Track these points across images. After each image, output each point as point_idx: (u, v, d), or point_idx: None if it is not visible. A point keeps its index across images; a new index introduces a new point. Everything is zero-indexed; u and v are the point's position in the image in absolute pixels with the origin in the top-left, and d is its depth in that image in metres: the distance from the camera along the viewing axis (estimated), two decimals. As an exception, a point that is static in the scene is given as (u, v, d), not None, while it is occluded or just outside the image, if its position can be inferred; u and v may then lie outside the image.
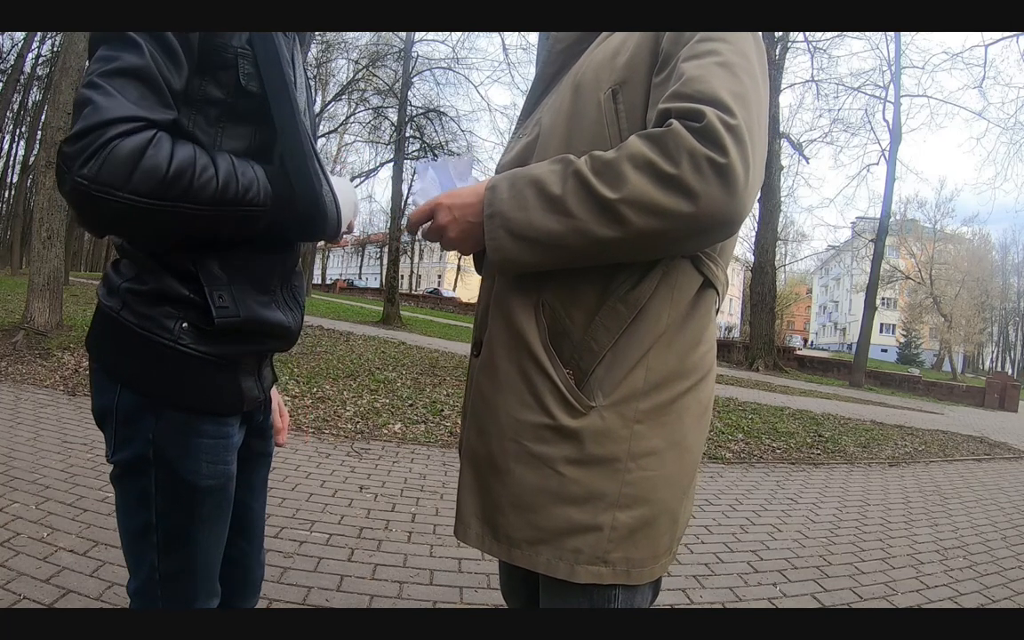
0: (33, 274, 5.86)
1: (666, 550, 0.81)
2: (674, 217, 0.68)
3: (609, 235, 0.70)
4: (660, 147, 0.68)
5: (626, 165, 0.69)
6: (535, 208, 0.73)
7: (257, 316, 0.84)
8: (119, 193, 0.66)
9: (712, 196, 0.67)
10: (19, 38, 18.92)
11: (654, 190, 0.67)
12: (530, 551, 0.78)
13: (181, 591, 0.85)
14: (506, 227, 0.75)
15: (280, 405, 1.14)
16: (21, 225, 19.96)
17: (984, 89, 17.22)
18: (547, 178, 0.74)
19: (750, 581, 2.52)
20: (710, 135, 0.67)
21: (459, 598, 2.13)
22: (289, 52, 0.85)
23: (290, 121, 0.79)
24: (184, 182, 0.70)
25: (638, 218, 0.68)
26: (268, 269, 0.86)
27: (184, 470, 0.81)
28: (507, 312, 0.82)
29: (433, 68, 17.31)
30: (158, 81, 0.70)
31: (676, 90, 0.71)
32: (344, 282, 48.31)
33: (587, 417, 0.77)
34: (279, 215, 0.80)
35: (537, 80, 0.94)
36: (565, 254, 0.74)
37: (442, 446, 4.19)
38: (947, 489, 4.76)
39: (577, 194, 0.71)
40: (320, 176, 0.82)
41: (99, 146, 0.65)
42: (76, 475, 2.78)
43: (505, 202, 0.76)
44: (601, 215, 0.70)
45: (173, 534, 0.83)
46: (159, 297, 0.78)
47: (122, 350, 0.80)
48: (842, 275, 51.53)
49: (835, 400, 11.02)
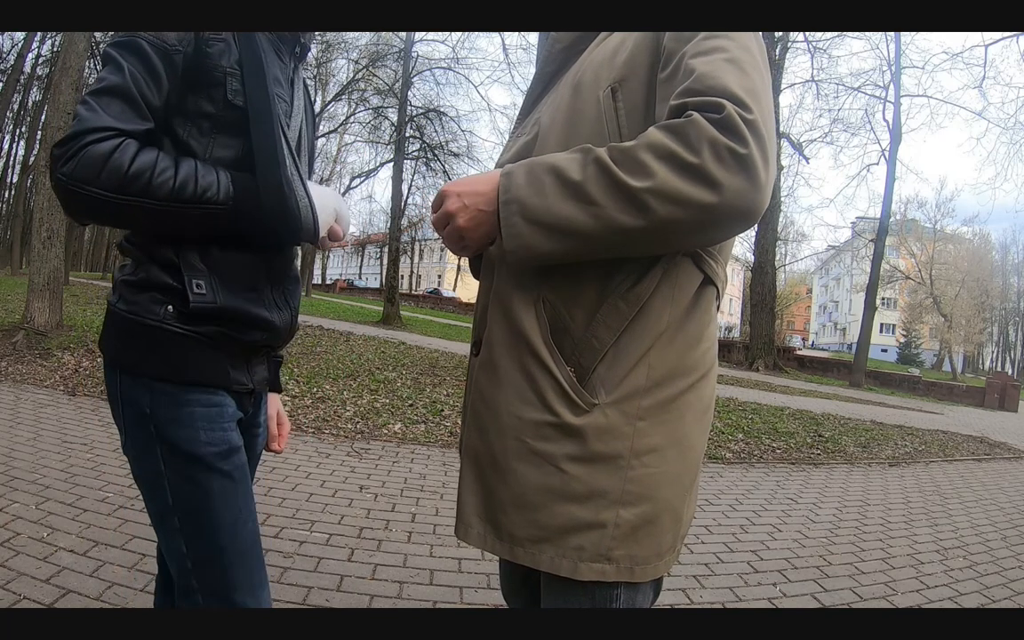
0: (33, 274, 5.86)
1: (669, 548, 0.81)
2: (697, 207, 0.67)
3: (631, 224, 0.69)
4: (681, 137, 0.67)
5: (647, 155, 0.68)
6: (554, 194, 0.72)
7: (236, 307, 0.90)
8: (89, 187, 0.79)
9: (735, 186, 0.67)
10: (19, 38, 18.94)
11: (678, 180, 0.67)
12: (533, 549, 0.78)
13: (216, 579, 0.89)
14: (523, 213, 0.73)
15: (281, 413, 1.17)
16: (21, 225, 19.95)
17: (984, 89, 17.25)
18: (567, 165, 0.72)
19: (750, 581, 2.52)
20: (730, 126, 0.66)
21: (459, 598, 2.13)
22: (285, 75, 0.97)
23: (267, 135, 0.88)
24: (143, 180, 0.80)
25: (661, 208, 0.68)
26: (251, 267, 0.93)
27: (182, 439, 0.87)
28: (507, 310, 0.82)
29: (433, 68, 17.33)
30: (135, 97, 0.82)
31: (689, 86, 0.71)
32: (344, 282, 48.33)
33: (590, 414, 0.76)
34: (243, 217, 0.87)
35: (536, 79, 0.94)
36: (582, 243, 0.72)
37: (442, 446, 4.19)
38: (947, 489, 4.76)
39: (599, 181, 0.70)
40: (291, 184, 0.89)
41: (77, 149, 0.79)
42: (76, 475, 2.79)
43: (522, 188, 0.74)
44: (625, 203, 0.69)
45: (190, 511, 0.88)
46: (147, 285, 0.88)
47: (119, 338, 0.89)
48: (842, 275, 51.51)
49: (835, 400, 11.02)
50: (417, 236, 35.35)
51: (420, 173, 19.24)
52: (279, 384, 1.14)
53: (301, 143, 1.01)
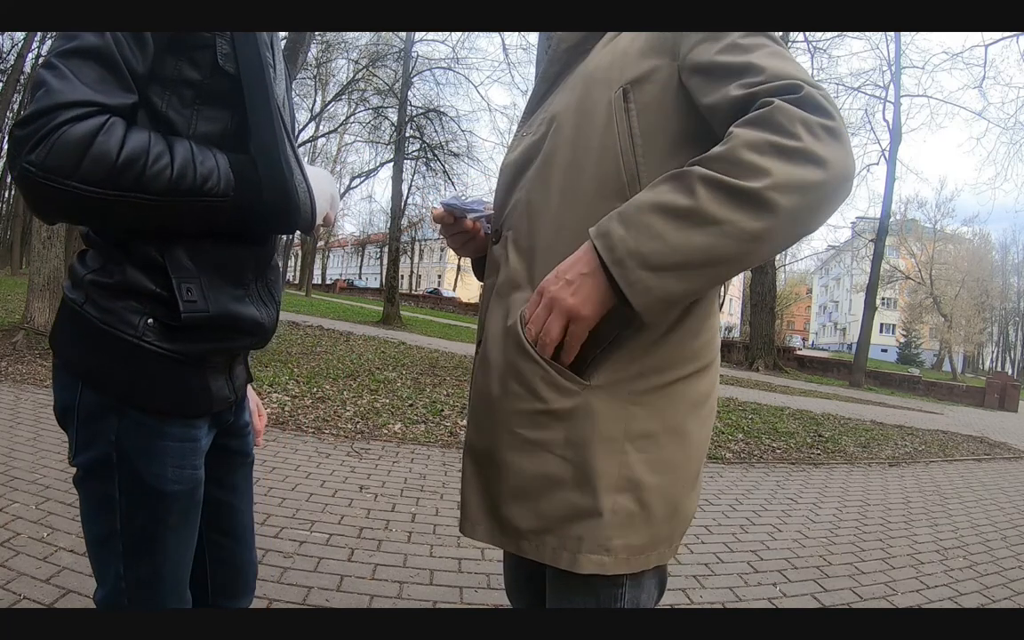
0: (33, 274, 5.86)
1: (666, 539, 0.81)
2: (813, 188, 0.67)
3: (762, 226, 0.67)
4: (773, 126, 0.67)
5: (751, 154, 0.66)
6: (671, 231, 0.68)
7: (228, 311, 0.79)
8: (67, 181, 0.64)
9: (838, 158, 0.67)
10: (19, 38, 18.95)
11: (791, 167, 0.66)
12: (537, 541, 0.78)
13: (148, 601, 0.82)
14: (645, 264, 0.68)
15: (258, 405, 1.08)
16: (21, 225, 19.96)
17: (984, 89, 17.28)
18: (667, 198, 0.69)
19: (750, 581, 2.52)
20: (813, 102, 0.67)
21: (459, 598, 2.13)
22: (268, 36, 0.82)
23: (263, 106, 0.76)
24: (135, 170, 0.67)
25: (786, 199, 0.66)
26: (241, 261, 0.82)
27: (149, 475, 0.77)
28: (506, 306, 0.83)
29: (433, 68, 17.37)
30: (117, 63, 0.68)
31: (751, 79, 0.70)
32: (344, 282, 48.35)
33: (580, 396, 0.76)
34: (244, 205, 0.76)
35: (541, 79, 0.94)
36: (720, 267, 0.69)
37: (442, 446, 4.19)
38: (947, 489, 4.76)
39: (716, 198, 0.67)
40: (292, 164, 0.79)
41: (48, 131, 0.63)
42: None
43: (629, 240, 0.69)
44: (753, 209, 0.66)
45: (138, 541, 0.79)
46: (124, 290, 0.74)
47: (84, 346, 0.76)
48: (842, 275, 51.51)
49: (835, 400, 11.02)
50: (417, 236, 35.40)
51: (420, 173, 19.29)
52: (251, 372, 1.02)
53: (284, 111, 0.86)
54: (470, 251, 1.02)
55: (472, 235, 0.98)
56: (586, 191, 0.79)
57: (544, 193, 0.82)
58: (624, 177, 0.77)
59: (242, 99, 0.77)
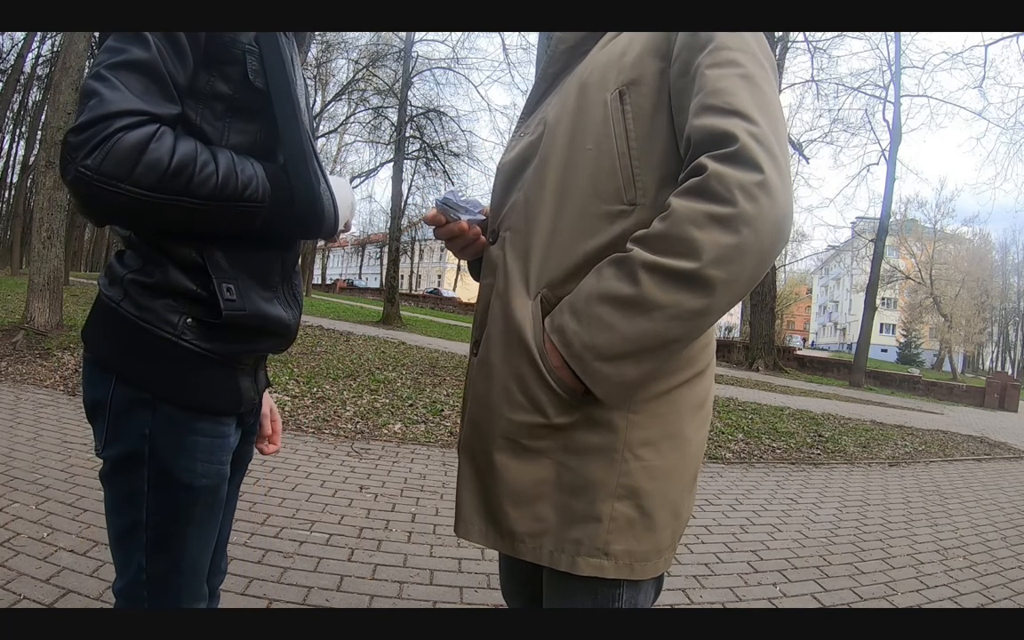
0: (33, 274, 5.87)
1: (669, 544, 0.81)
2: (748, 252, 0.67)
3: (704, 303, 0.69)
4: (710, 195, 0.68)
5: (688, 229, 0.68)
6: (619, 320, 0.71)
7: (261, 311, 0.83)
8: (121, 185, 0.67)
9: (764, 214, 0.67)
10: (19, 38, 18.95)
11: (725, 236, 0.67)
12: (533, 544, 0.79)
13: (168, 592, 0.84)
14: (600, 356, 0.72)
15: (273, 410, 1.10)
16: (21, 225, 19.94)
17: (984, 89, 17.26)
18: (612, 286, 0.72)
19: (750, 581, 2.52)
20: (745, 158, 0.67)
21: (459, 598, 2.13)
22: (290, 53, 0.86)
23: (291, 120, 0.81)
24: (185, 176, 0.71)
25: (722, 271, 0.67)
26: (270, 264, 0.87)
27: (179, 468, 0.80)
28: (506, 310, 0.82)
29: (433, 68, 17.36)
30: (163, 75, 0.72)
31: (703, 102, 0.71)
32: (344, 282, 48.35)
33: (581, 411, 0.77)
34: (277, 213, 0.80)
35: (540, 79, 0.94)
36: (669, 346, 0.72)
37: (442, 446, 4.19)
38: (947, 489, 4.76)
39: (656, 282, 0.69)
40: (319, 176, 0.83)
41: (103, 138, 0.66)
42: (76, 475, 2.78)
43: (583, 333, 0.73)
44: (691, 288, 0.68)
45: (163, 534, 0.81)
46: (163, 289, 0.78)
47: (120, 342, 0.79)
48: (842, 275, 51.49)
49: (835, 400, 11.02)
50: (417, 236, 35.37)
51: (420, 173, 19.29)
52: (268, 376, 1.04)
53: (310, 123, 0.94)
54: (470, 254, 0.98)
55: (472, 239, 0.94)
56: (583, 191, 0.79)
57: (541, 193, 0.82)
58: (620, 178, 0.77)
59: (269, 112, 0.81)
